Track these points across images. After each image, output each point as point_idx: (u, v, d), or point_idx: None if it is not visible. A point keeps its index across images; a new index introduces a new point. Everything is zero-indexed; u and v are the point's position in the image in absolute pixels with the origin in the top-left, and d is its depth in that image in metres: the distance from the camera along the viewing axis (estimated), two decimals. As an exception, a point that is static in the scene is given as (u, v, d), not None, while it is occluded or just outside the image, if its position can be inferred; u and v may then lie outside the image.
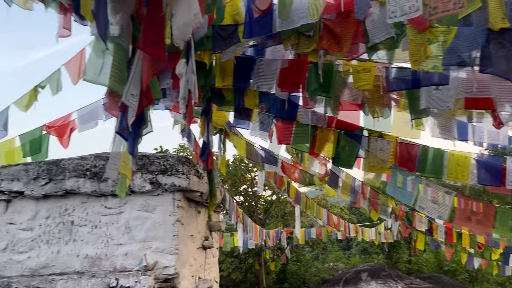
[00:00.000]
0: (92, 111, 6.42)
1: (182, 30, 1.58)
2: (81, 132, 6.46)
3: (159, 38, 1.93)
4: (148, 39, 1.88)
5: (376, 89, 4.41)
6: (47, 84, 6.18)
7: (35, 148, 6.23)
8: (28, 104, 6.06)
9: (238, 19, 4.31)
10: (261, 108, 5.81)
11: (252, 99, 5.70)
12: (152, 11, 1.86)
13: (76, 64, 6.19)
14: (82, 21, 4.81)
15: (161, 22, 1.92)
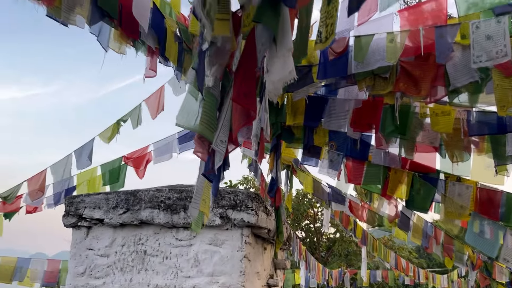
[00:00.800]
0: (168, 144, 6.76)
1: (277, 85, 1.65)
2: (156, 163, 6.81)
3: (251, 90, 2.02)
4: (242, 91, 1.97)
5: (456, 132, 4.23)
6: (128, 118, 6.65)
7: (114, 178, 6.63)
8: (110, 136, 6.53)
9: (312, 61, 4.37)
10: (331, 147, 5.78)
11: (322, 137, 5.69)
12: (246, 65, 1.96)
13: (156, 101, 6.61)
14: (166, 62, 5.18)
15: (254, 76, 2.01)
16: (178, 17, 5.59)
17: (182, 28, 5.35)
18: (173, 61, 5.05)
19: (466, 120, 4.12)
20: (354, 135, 5.15)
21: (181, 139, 6.82)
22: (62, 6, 3.31)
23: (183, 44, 5.32)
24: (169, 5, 5.44)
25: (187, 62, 5.53)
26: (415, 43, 3.89)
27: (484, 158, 4.77)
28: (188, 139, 6.78)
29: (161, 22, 4.68)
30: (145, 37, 4.36)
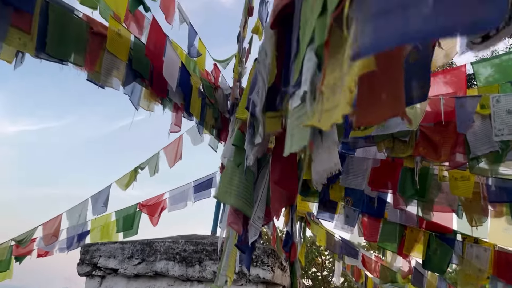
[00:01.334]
0: (183, 193, 6.82)
1: (321, 175, 1.73)
2: (171, 212, 6.85)
3: (293, 174, 2.11)
4: (283, 175, 2.06)
5: (475, 196, 4.27)
6: (146, 166, 6.76)
7: (128, 225, 6.65)
8: (127, 183, 6.62)
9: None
10: (347, 202, 5.80)
11: (338, 192, 5.73)
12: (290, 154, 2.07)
13: (174, 150, 6.74)
14: (190, 117, 5.34)
15: (295, 160, 2.11)
16: (201, 73, 5.82)
17: (205, 84, 5.56)
18: (196, 116, 5.21)
19: (485, 185, 4.17)
20: (371, 193, 5.20)
21: (197, 187, 6.89)
22: (101, 71, 3.49)
23: (205, 99, 5.51)
24: (194, 62, 5.67)
25: (208, 117, 5.69)
26: (435, 109, 4.01)
27: (502, 221, 4.77)
28: (204, 188, 6.85)
29: (187, 79, 4.87)
30: (173, 95, 4.54)
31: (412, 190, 4.24)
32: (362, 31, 0.52)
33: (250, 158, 2.11)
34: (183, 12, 4.88)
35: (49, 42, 2.95)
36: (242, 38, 4.24)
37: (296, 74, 1.07)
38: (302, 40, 1.04)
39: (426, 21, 0.49)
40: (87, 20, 3.40)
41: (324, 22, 0.78)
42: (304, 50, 1.00)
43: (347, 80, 0.60)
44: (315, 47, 0.83)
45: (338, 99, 0.67)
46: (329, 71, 0.73)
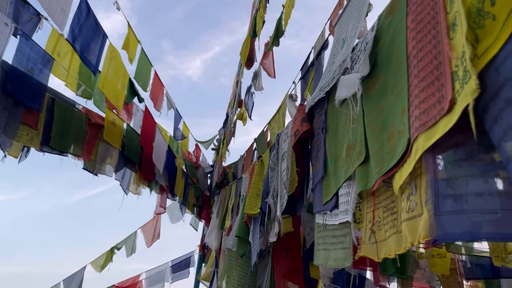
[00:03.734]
0: (161, 273, 6.66)
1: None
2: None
3: (300, 267, 2.25)
4: (292, 268, 2.21)
5: (452, 273, 4.47)
6: (123, 246, 6.63)
7: (102, 309, 6.34)
8: (103, 265, 6.42)
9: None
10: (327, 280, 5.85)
11: (317, 269, 5.79)
12: (295, 246, 2.24)
13: (152, 229, 6.68)
14: (174, 198, 5.42)
15: (301, 254, 2.27)
16: (184, 153, 6.01)
17: (188, 164, 5.72)
18: (179, 196, 5.30)
19: (461, 261, 4.39)
20: (351, 270, 5.30)
21: (174, 267, 6.76)
22: (97, 159, 3.61)
23: (188, 179, 5.65)
24: (176, 143, 5.88)
25: (190, 196, 5.79)
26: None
27: (477, 295, 4.95)
28: (182, 268, 6.72)
29: (173, 161, 5.03)
30: (159, 177, 4.66)
31: (393, 268, 4.39)
32: (438, 222, 0.71)
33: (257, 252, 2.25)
34: (171, 99, 5.16)
35: (53, 136, 3.09)
36: (231, 125, 4.51)
37: (326, 196, 1.27)
38: (331, 169, 1.26)
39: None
40: (85, 112, 3.57)
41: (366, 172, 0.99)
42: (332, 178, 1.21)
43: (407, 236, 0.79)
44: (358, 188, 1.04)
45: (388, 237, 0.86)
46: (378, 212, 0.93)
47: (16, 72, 2.75)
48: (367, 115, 1.04)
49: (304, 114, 1.57)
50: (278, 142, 1.98)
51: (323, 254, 1.29)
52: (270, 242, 2.05)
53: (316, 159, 1.46)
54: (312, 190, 1.50)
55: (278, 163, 1.93)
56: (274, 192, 1.88)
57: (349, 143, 1.13)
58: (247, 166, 4.05)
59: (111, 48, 3.47)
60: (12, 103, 2.73)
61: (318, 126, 1.46)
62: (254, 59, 3.66)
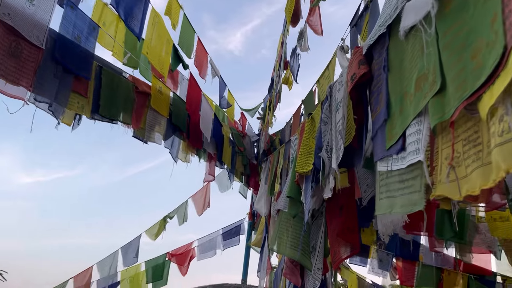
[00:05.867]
0: (212, 241, 6.81)
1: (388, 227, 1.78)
2: (200, 260, 6.80)
3: (355, 225, 2.16)
4: (346, 226, 2.12)
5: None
6: (175, 215, 6.81)
7: (157, 275, 6.60)
8: (157, 233, 6.65)
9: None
10: (379, 246, 5.73)
11: (369, 235, 5.67)
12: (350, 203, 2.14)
13: (201, 198, 6.81)
14: (222, 166, 5.45)
15: (356, 212, 2.17)
16: (230, 122, 5.99)
17: (234, 133, 5.71)
18: (227, 164, 5.32)
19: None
20: (405, 236, 5.14)
21: (225, 235, 6.88)
22: (146, 127, 3.64)
23: (235, 147, 5.64)
24: (222, 112, 5.86)
25: (238, 164, 5.80)
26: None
27: (543, 261, 4.66)
28: (232, 236, 6.83)
29: (220, 130, 5.03)
30: (207, 145, 4.67)
31: (451, 233, 4.19)
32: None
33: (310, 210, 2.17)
34: (215, 67, 5.11)
35: (103, 103, 3.13)
36: (277, 90, 4.41)
37: (390, 140, 1.16)
38: (396, 109, 1.14)
39: None
40: (132, 80, 3.59)
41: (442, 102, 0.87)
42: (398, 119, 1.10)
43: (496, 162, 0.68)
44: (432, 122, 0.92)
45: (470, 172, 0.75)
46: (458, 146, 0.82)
47: (64, 40, 2.78)
48: (442, 38, 0.91)
49: (361, 56, 1.44)
50: (331, 94, 1.86)
51: (386, 203, 1.18)
52: (325, 199, 1.96)
53: (376, 103, 1.34)
54: (372, 138, 1.38)
55: (331, 116, 1.82)
56: (328, 146, 1.78)
57: (419, 75, 1.00)
58: (295, 129, 3.95)
59: (154, 13, 3.43)
60: (61, 71, 2.77)
61: (379, 67, 1.33)
62: (300, 15, 3.49)
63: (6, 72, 2.37)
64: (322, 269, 2.38)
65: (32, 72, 2.52)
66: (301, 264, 2.45)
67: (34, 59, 2.56)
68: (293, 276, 2.50)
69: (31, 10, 2.53)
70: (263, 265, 4.49)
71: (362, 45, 1.47)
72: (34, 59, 2.56)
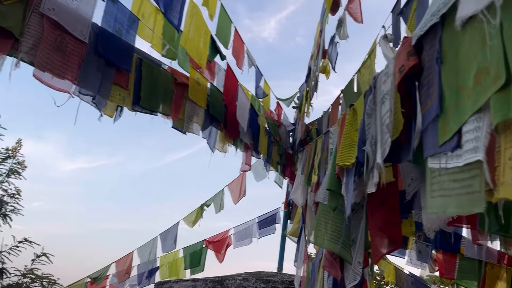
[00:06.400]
0: (248, 229, 6.87)
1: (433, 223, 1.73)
2: (236, 248, 6.90)
3: (397, 220, 2.11)
4: (388, 220, 2.07)
5: None
6: (212, 203, 6.92)
7: (195, 261, 6.75)
8: (194, 220, 6.78)
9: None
10: (418, 237, 5.60)
11: (408, 226, 5.53)
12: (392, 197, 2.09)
13: (237, 186, 6.86)
14: (258, 155, 5.46)
15: (398, 207, 2.12)
16: (266, 111, 5.97)
17: (270, 123, 5.69)
18: (263, 153, 5.32)
19: None
20: (446, 227, 5.00)
21: (261, 223, 6.92)
22: (184, 118, 3.69)
23: (271, 137, 5.63)
24: (258, 101, 5.85)
25: (274, 154, 5.79)
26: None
27: None
28: (268, 224, 6.87)
29: (256, 119, 5.02)
30: (243, 135, 4.68)
31: (496, 226, 4.02)
32: None
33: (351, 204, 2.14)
34: (251, 56, 5.09)
35: (143, 95, 3.18)
36: (314, 79, 4.34)
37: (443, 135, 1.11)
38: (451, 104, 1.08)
39: None
40: (171, 72, 3.63)
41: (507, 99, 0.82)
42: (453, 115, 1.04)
43: None
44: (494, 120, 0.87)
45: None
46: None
47: (106, 34, 2.84)
48: (508, 29, 0.85)
49: (410, 47, 1.38)
50: (375, 85, 1.80)
51: (440, 201, 1.14)
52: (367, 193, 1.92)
53: (427, 96, 1.28)
54: (421, 133, 1.33)
55: (375, 108, 1.77)
56: (372, 140, 1.74)
57: (479, 68, 0.95)
58: (333, 119, 3.89)
59: (192, 4, 3.44)
60: (104, 64, 2.83)
61: (430, 58, 1.27)
62: (340, 2, 3.41)
63: (52, 66, 2.45)
64: (363, 263, 2.34)
65: (76, 66, 2.59)
66: (340, 257, 2.43)
67: (78, 53, 2.63)
68: (332, 268, 2.48)
69: (74, 5, 2.59)
70: (300, 255, 4.49)
71: (411, 35, 1.41)
72: (78, 53, 2.63)
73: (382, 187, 1.91)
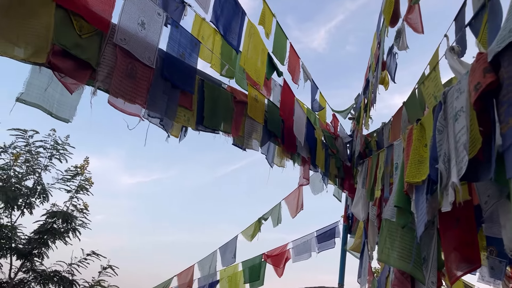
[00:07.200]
0: (307, 243, 6.82)
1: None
2: (295, 262, 6.86)
3: (474, 240, 2.02)
4: (464, 241, 1.99)
5: None
6: (269, 217, 6.95)
7: (255, 276, 6.78)
8: (253, 234, 6.83)
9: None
10: (490, 252, 5.27)
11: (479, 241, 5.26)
12: (468, 215, 2.01)
13: (295, 200, 6.84)
14: (316, 169, 5.43)
15: (475, 226, 2.03)
16: (322, 124, 5.94)
17: (327, 135, 5.65)
18: (321, 167, 5.28)
19: None
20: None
21: (320, 237, 6.85)
22: (244, 135, 3.76)
23: (328, 150, 5.58)
24: (314, 114, 5.84)
25: (332, 167, 5.73)
26: None
27: None
28: (327, 238, 6.78)
29: (313, 133, 5.01)
30: (301, 149, 4.68)
31: None
32: None
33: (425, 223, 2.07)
34: (307, 70, 5.11)
35: (206, 115, 3.30)
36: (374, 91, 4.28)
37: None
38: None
39: None
40: (230, 91, 3.73)
41: None
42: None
43: None
44: None
45: None
46: None
47: (171, 58, 2.98)
48: None
49: (486, 63, 1.34)
50: (446, 101, 1.75)
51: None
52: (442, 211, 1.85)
53: (507, 115, 1.23)
54: (503, 152, 1.28)
55: (447, 124, 1.71)
56: (445, 157, 1.69)
57: None
58: (395, 132, 3.80)
59: (250, 24, 3.53)
60: (170, 87, 2.97)
61: (509, 75, 1.22)
62: (399, 14, 3.35)
63: (124, 92, 2.61)
64: (436, 283, 2.25)
65: (145, 91, 2.74)
66: (411, 276, 2.35)
67: (146, 78, 2.78)
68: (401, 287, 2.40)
69: (142, 34, 2.75)
70: (363, 271, 4.39)
71: (485, 51, 1.36)
72: (146, 78, 2.78)
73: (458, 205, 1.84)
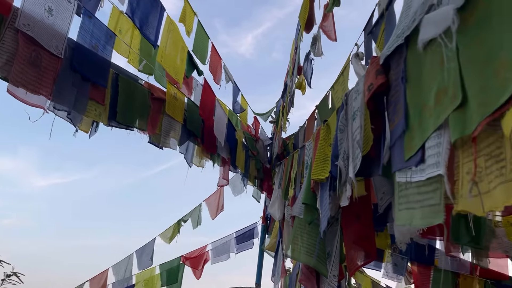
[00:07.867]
0: (225, 244, 6.84)
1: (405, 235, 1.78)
2: (214, 264, 6.84)
3: (371, 234, 2.16)
4: (362, 234, 2.12)
5: (534, 243, 4.14)
6: (189, 218, 6.87)
7: (172, 278, 6.65)
8: (171, 236, 6.71)
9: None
10: (394, 249, 5.69)
11: (384, 239, 5.63)
12: (366, 211, 2.14)
13: (215, 201, 6.84)
14: (236, 170, 5.47)
15: (371, 221, 2.17)
16: (243, 126, 6.01)
17: (248, 137, 5.73)
18: (241, 168, 5.34)
19: (543, 230, 4.05)
20: (420, 240, 5.10)
21: (239, 239, 6.90)
22: (161, 133, 3.69)
23: (248, 151, 5.66)
24: (235, 116, 5.89)
25: (252, 168, 5.82)
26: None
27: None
28: (246, 239, 6.85)
29: (233, 134, 5.05)
30: (221, 150, 4.70)
31: (468, 237, 4.14)
32: None
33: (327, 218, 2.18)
34: (229, 72, 5.14)
35: (119, 110, 3.18)
36: (290, 94, 4.42)
37: (409, 151, 1.16)
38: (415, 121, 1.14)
39: None
40: (148, 87, 3.64)
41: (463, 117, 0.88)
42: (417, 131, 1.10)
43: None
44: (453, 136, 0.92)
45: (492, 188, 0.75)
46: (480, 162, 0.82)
47: (81, 49, 2.83)
48: (463, 52, 0.91)
49: (378, 66, 1.45)
50: (347, 102, 1.87)
51: (406, 214, 1.19)
52: (341, 207, 1.97)
53: (394, 113, 1.34)
54: (390, 148, 1.39)
55: (347, 124, 1.82)
56: (344, 155, 1.79)
57: (439, 88, 1.01)
58: (309, 134, 3.95)
59: (169, 21, 3.48)
60: (79, 79, 2.82)
61: (396, 77, 1.34)
62: (314, 21, 3.50)
63: (27, 82, 2.43)
64: (338, 276, 2.38)
65: (51, 81, 2.57)
66: (317, 271, 2.46)
67: (53, 68, 2.61)
68: (309, 282, 2.50)
69: (50, 21, 2.58)
70: (277, 269, 4.50)
71: (379, 55, 1.47)
72: (53, 68, 2.61)
73: (356, 201, 1.96)
